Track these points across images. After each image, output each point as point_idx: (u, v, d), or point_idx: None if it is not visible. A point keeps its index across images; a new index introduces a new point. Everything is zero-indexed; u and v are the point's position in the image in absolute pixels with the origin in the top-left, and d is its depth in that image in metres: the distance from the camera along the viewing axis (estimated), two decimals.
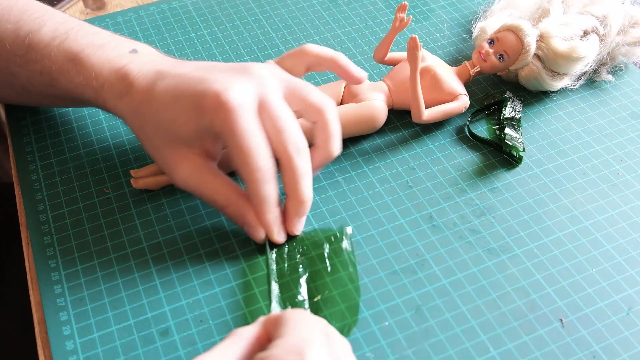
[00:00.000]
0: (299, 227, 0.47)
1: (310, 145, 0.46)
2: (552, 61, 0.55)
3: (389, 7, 0.68)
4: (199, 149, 0.45)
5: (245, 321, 0.43)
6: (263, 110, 0.43)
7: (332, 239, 0.47)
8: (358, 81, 0.49)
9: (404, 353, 0.41)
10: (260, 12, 0.68)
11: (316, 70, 0.49)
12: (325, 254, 0.46)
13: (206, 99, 0.42)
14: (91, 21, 0.67)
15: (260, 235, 0.46)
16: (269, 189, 0.43)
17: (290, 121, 0.44)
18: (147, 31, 0.66)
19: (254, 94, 0.43)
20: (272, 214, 0.45)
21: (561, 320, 0.43)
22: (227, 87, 0.42)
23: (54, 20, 0.49)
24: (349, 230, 0.48)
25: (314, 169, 0.46)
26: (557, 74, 0.57)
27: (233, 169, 0.49)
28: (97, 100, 0.47)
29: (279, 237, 0.46)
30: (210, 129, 0.43)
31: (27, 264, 0.48)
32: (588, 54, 0.55)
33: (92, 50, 0.47)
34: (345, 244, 0.47)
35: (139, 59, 0.46)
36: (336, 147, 0.46)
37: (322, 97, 0.46)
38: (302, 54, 0.48)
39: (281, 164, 0.44)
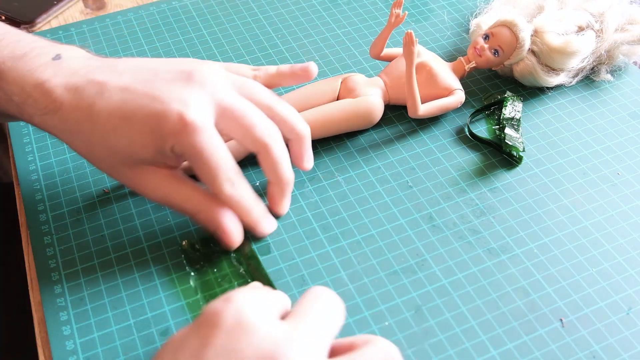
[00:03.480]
0: (286, 207, 0.48)
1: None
2: (546, 56, 0.56)
3: (389, 7, 0.68)
4: (159, 164, 0.43)
5: None
6: (224, 116, 0.42)
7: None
8: (303, 76, 0.48)
9: (404, 353, 0.41)
10: (260, 12, 0.68)
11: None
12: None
13: (165, 122, 0.40)
14: (91, 21, 0.67)
15: (235, 240, 0.45)
16: (244, 192, 0.43)
17: (256, 113, 0.43)
18: (147, 31, 0.66)
19: (211, 104, 0.41)
20: (256, 211, 0.45)
21: (561, 320, 0.43)
22: (185, 107, 0.40)
23: None
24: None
25: (299, 157, 0.47)
26: (552, 69, 0.57)
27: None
28: (22, 116, 0.44)
29: (271, 227, 0.47)
30: (171, 150, 0.41)
31: (27, 264, 0.48)
32: (583, 48, 0.55)
33: (13, 63, 0.43)
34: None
35: (65, 69, 0.43)
36: (301, 128, 0.46)
37: (266, 92, 0.45)
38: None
39: (259, 156, 0.44)
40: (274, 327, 0.32)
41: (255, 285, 0.36)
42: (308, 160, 0.47)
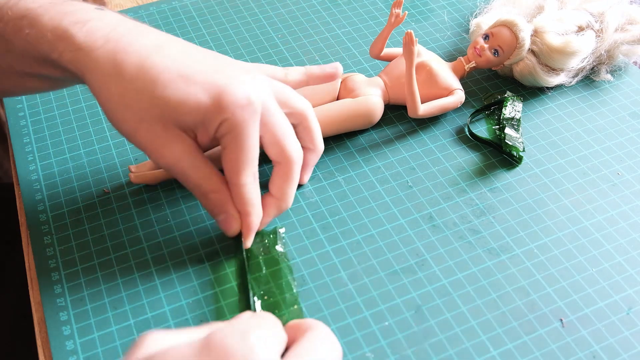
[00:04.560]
0: (264, 224, 0.47)
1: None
2: (546, 56, 0.56)
3: (389, 7, 0.68)
4: (192, 133, 0.42)
5: None
6: (265, 115, 0.43)
7: (266, 243, 0.47)
8: (333, 77, 0.50)
9: (404, 353, 0.41)
10: (260, 12, 0.68)
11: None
12: (261, 262, 0.46)
13: (229, 94, 0.40)
14: None
15: (237, 226, 0.45)
16: (257, 193, 0.44)
17: (290, 128, 0.44)
18: None
19: (260, 101, 0.42)
20: (257, 217, 0.44)
21: (561, 320, 0.43)
22: (252, 88, 0.41)
23: None
24: (281, 230, 0.48)
25: (309, 169, 0.50)
26: (552, 69, 0.57)
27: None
28: (51, 54, 0.41)
29: (249, 242, 0.46)
30: (217, 124, 0.41)
31: (27, 264, 0.48)
32: (583, 48, 0.55)
33: (51, 6, 0.42)
34: (278, 247, 0.46)
35: (110, 17, 0.42)
36: (321, 145, 0.49)
37: (303, 101, 0.47)
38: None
39: (279, 167, 0.45)
40: None
41: (266, 318, 0.34)
42: (308, 175, 0.51)
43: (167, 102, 0.40)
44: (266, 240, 0.47)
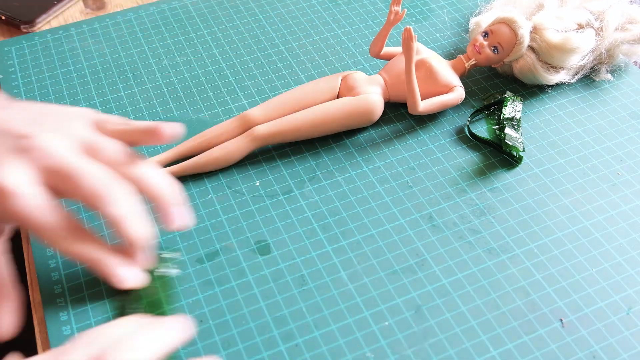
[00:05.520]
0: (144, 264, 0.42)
1: None
2: (546, 53, 0.56)
3: (389, 6, 0.68)
4: None
5: (246, 321, 0.43)
6: (54, 177, 0.38)
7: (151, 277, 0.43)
8: (156, 135, 0.42)
9: (404, 353, 0.42)
10: (260, 12, 0.68)
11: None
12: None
13: None
14: (91, 21, 0.67)
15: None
16: (84, 248, 0.39)
17: (89, 167, 0.39)
18: (147, 31, 0.66)
19: (35, 168, 0.38)
20: (108, 263, 0.40)
21: (561, 320, 0.43)
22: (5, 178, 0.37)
23: None
24: (175, 255, 0.45)
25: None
26: (551, 66, 0.57)
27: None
28: None
29: (133, 278, 0.40)
30: None
31: (27, 264, 0.48)
32: (582, 45, 0.55)
33: None
34: (162, 271, 0.43)
35: None
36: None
37: (113, 147, 0.41)
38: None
39: (99, 211, 0.39)
40: None
41: None
42: (174, 220, 0.41)
43: None
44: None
